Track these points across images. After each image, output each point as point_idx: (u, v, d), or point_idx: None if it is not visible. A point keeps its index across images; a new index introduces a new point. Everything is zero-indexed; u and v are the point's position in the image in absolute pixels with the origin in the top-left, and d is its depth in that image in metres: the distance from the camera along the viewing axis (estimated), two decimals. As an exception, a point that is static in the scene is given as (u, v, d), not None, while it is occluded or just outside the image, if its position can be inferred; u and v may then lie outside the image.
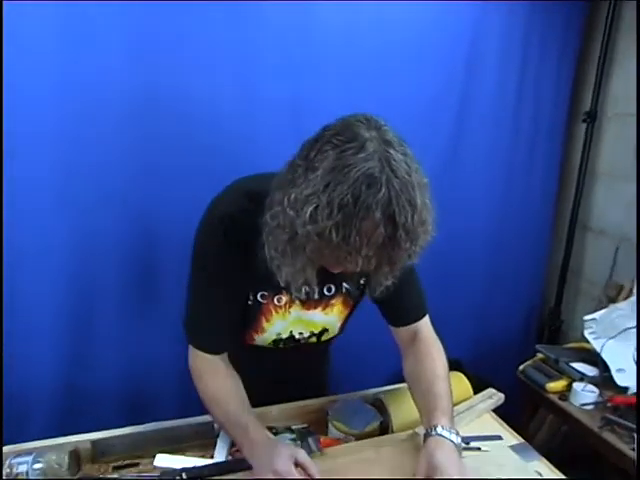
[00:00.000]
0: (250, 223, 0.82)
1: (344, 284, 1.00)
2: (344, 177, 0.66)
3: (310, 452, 0.91)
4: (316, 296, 0.99)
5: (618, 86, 1.81)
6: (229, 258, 0.88)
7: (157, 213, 1.40)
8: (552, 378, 1.47)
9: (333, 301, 1.02)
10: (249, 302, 0.97)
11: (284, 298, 0.98)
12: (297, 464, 0.82)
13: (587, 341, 1.54)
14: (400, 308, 1.02)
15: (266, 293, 0.96)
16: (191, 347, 0.96)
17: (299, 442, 0.98)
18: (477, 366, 1.55)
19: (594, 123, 1.85)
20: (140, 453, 0.98)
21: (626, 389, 1.38)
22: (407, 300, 1.02)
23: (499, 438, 1.01)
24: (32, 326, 1.32)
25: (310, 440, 0.95)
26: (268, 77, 1.42)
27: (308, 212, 0.68)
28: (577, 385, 1.40)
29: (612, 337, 1.48)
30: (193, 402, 1.04)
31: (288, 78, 1.44)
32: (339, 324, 1.09)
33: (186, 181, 1.39)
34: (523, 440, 1.02)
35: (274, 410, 1.09)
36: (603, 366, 1.43)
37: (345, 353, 1.37)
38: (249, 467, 0.86)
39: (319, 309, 1.02)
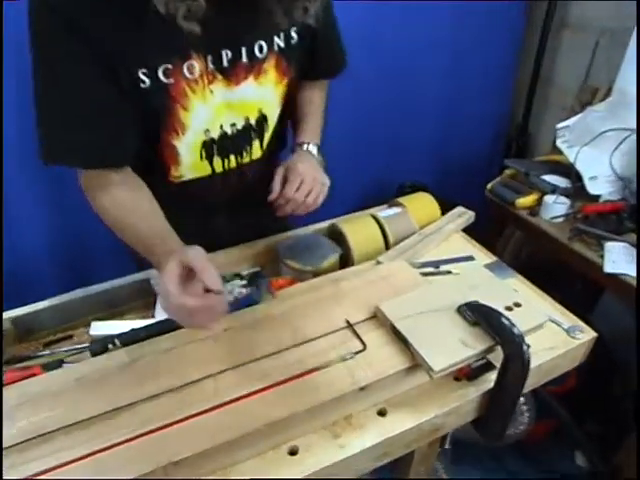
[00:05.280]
0: None
1: (276, 38, 0.79)
2: None
3: (260, 297, 0.80)
4: (244, 59, 0.77)
5: None
6: (85, 18, 0.62)
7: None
8: (522, 193, 1.38)
9: (265, 65, 0.80)
10: (142, 85, 0.71)
11: (197, 65, 0.73)
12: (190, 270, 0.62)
13: (559, 152, 1.43)
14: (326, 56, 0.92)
15: (170, 65, 0.71)
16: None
17: (252, 288, 0.85)
18: (444, 189, 1.45)
19: None
20: (73, 324, 0.88)
21: (597, 197, 1.31)
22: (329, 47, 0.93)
23: (471, 259, 0.92)
24: None
25: (260, 283, 0.83)
26: None
27: None
28: (548, 198, 1.32)
29: (586, 144, 1.36)
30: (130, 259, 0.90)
31: None
32: (277, 100, 0.87)
33: None
34: (497, 258, 0.93)
35: (220, 256, 0.95)
36: (575, 176, 1.34)
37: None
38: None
39: (250, 78, 0.80)
